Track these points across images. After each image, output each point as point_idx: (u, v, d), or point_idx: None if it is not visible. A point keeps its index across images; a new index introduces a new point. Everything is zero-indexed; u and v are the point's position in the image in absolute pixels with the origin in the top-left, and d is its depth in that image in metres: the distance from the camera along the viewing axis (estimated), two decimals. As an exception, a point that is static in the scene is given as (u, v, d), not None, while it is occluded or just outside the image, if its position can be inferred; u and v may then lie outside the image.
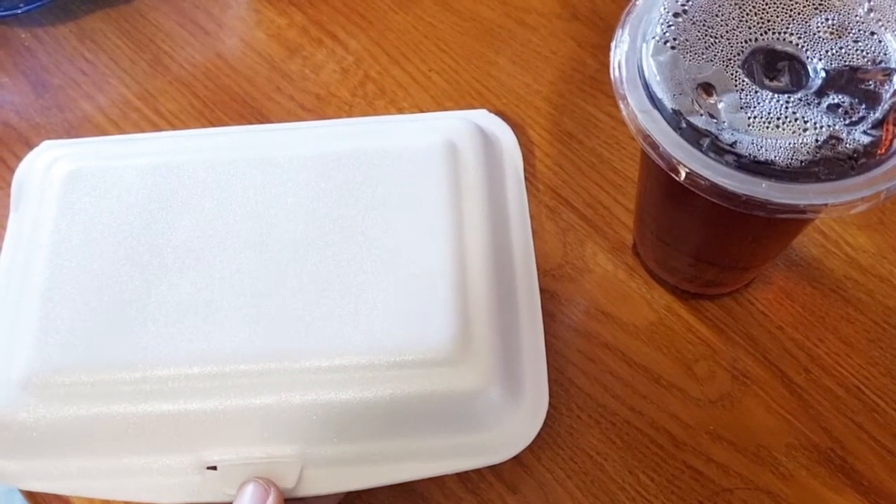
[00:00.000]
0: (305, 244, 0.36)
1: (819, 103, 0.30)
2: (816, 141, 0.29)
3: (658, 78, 0.31)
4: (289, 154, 0.39)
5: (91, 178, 0.39)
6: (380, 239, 0.36)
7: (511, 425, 0.35)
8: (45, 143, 0.42)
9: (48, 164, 0.40)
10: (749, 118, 0.30)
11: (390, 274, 0.35)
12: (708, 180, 0.29)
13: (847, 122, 0.30)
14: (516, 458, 0.38)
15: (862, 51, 0.31)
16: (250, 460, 0.34)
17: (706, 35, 0.32)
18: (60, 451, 0.34)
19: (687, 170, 0.30)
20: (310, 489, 0.34)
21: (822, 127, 0.30)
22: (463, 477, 0.39)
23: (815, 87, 0.31)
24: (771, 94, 0.31)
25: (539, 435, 0.39)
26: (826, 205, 0.29)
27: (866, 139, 0.29)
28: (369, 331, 0.34)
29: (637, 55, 0.32)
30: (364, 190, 0.38)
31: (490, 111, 0.46)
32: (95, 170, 0.39)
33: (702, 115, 0.30)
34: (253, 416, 0.34)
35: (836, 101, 0.30)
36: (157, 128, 0.49)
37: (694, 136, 0.30)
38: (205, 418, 0.34)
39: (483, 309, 0.35)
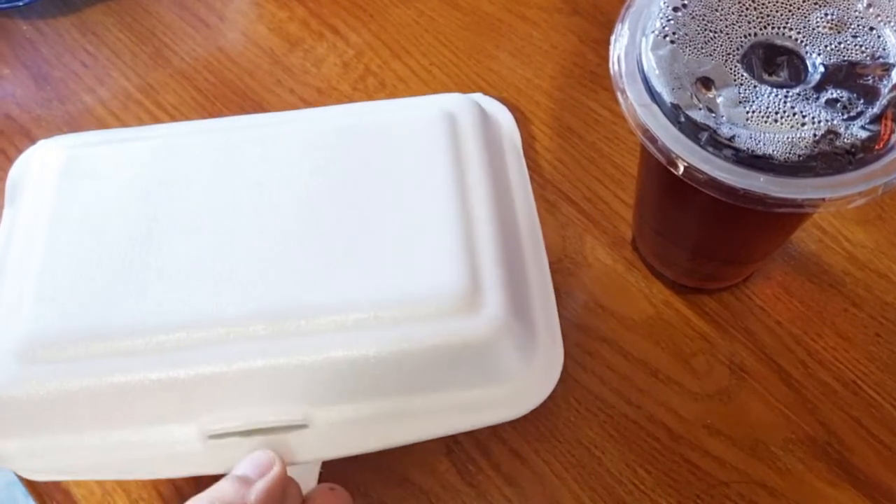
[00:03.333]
0: (308, 208, 0.36)
1: (817, 98, 0.30)
2: (815, 135, 0.29)
3: (657, 72, 0.31)
4: (291, 129, 0.39)
5: (89, 158, 0.39)
6: (383, 200, 0.36)
7: (527, 377, 0.34)
8: (40, 143, 0.42)
9: (45, 155, 0.39)
10: (748, 112, 0.30)
11: (395, 230, 0.35)
12: (706, 174, 0.29)
13: (845, 116, 0.30)
14: (514, 451, 0.39)
15: (861, 46, 0.31)
16: (255, 425, 0.33)
17: (705, 29, 0.32)
18: (58, 426, 0.34)
19: (685, 164, 0.30)
20: (320, 451, 0.33)
21: (820, 122, 0.30)
22: (461, 469, 0.39)
23: (813, 82, 0.31)
24: (770, 88, 0.31)
25: (537, 428, 0.39)
26: (824, 199, 0.29)
27: (864, 134, 0.29)
28: (377, 285, 0.34)
29: (636, 49, 0.32)
30: (365, 157, 0.38)
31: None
32: (93, 150, 0.39)
33: (700, 109, 0.30)
34: (258, 376, 0.33)
35: (834, 95, 0.30)
36: (157, 120, 0.49)
37: (692, 130, 0.30)
38: (208, 381, 0.33)
39: (490, 258, 0.35)
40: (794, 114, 0.30)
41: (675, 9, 0.33)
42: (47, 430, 0.34)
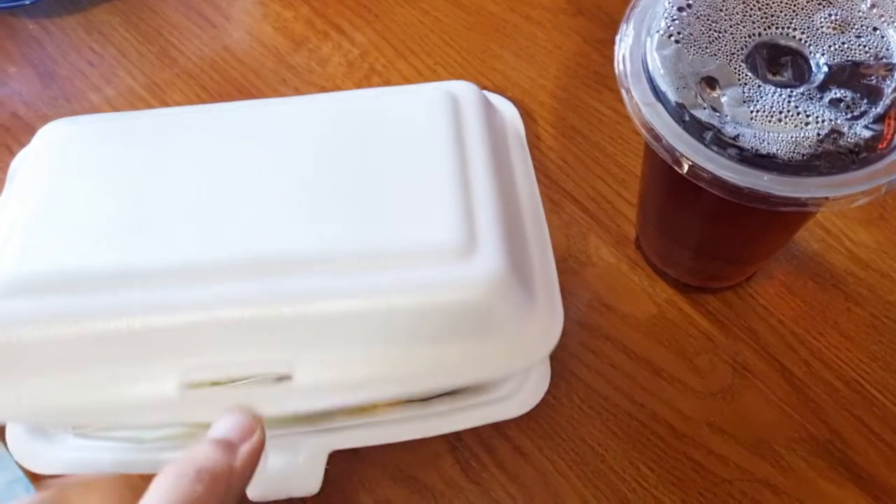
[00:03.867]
0: (305, 168, 0.36)
1: (821, 98, 0.30)
2: (818, 135, 0.30)
3: (662, 71, 0.31)
4: (294, 107, 0.39)
5: (91, 132, 0.38)
6: (381, 164, 0.36)
7: (522, 335, 0.33)
8: (44, 127, 0.41)
9: (46, 134, 0.39)
10: (752, 112, 0.30)
11: (392, 190, 0.35)
12: (710, 173, 0.29)
13: (849, 116, 0.30)
14: (517, 448, 0.39)
15: (864, 46, 0.31)
16: (237, 375, 0.32)
17: (710, 29, 0.32)
18: (32, 365, 0.32)
19: (690, 163, 0.30)
20: (302, 404, 0.33)
21: (824, 121, 0.30)
22: (465, 466, 0.39)
23: (817, 82, 0.31)
24: (774, 88, 0.31)
25: (541, 425, 0.40)
26: (827, 198, 0.29)
27: (867, 133, 0.30)
28: (370, 236, 0.33)
29: (641, 49, 0.33)
30: (365, 128, 0.37)
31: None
32: (96, 125, 0.39)
33: (705, 108, 0.31)
34: (243, 324, 0.32)
35: (838, 95, 0.30)
36: (163, 119, 0.50)
37: (697, 129, 0.30)
38: (191, 327, 0.32)
39: (486, 214, 0.34)
40: (798, 113, 0.30)
41: (680, 9, 0.33)
42: (21, 370, 0.32)
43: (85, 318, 0.32)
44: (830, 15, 0.32)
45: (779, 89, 0.31)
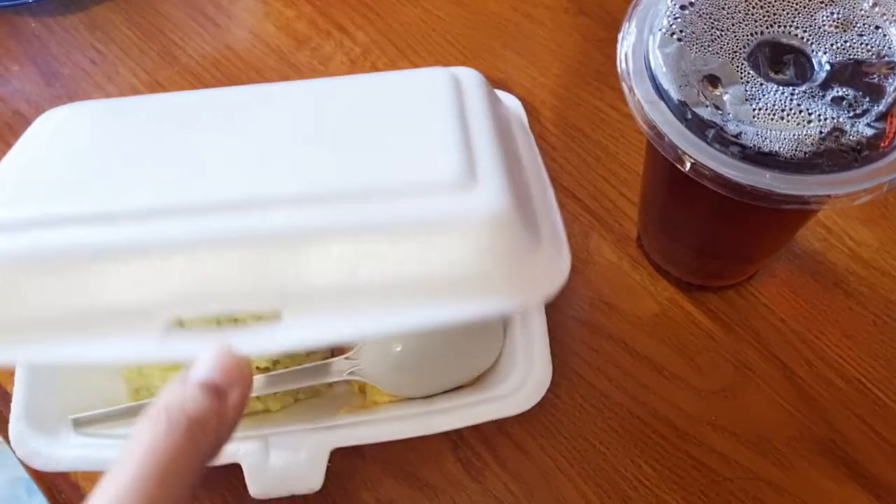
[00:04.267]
0: (304, 128, 0.35)
1: (823, 96, 0.30)
2: (820, 133, 0.30)
3: (664, 69, 0.32)
4: (295, 87, 0.39)
5: (89, 111, 0.38)
6: (382, 125, 0.35)
7: (530, 269, 0.32)
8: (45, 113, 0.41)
9: (45, 119, 0.39)
10: (754, 110, 0.30)
11: (390, 139, 0.34)
12: (713, 171, 0.29)
13: (851, 114, 0.30)
14: (519, 446, 0.39)
15: (866, 44, 0.32)
16: (223, 312, 0.31)
17: (712, 27, 0.32)
18: (19, 302, 0.31)
19: (692, 160, 0.30)
20: (292, 342, 0.31)
21: (826, 119, 0.30)
22: (466, 464, 0.39)
23: (819, 80, 0.31)
24: (776, 86, 0.31)
25: (542, 423, 0.40)
26: (829, 196, 0.29)
27: (870, 132, 0.30)
28: (366, 174, 0.32)
29: (644, 47, 0.33)
30: (368, 98, 0.37)
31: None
32: (94, 105, 0.38)
33: (707, 106, 0.31)
34: (231, 258, 0.31)
35: (840, 93, 0.30)
36: (165, 117, 0.50)
37: (699, 127, 0.30)
38: (176, 260, 0.30)
39: (487, 150, 0.33)
40: (801, 111, 0.30)
41: (683, 7, 0.33)
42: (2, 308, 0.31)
43: (67, 252, 0.31)
44: (833, 13, 0.32)
45: (781, 87, 0.31)
